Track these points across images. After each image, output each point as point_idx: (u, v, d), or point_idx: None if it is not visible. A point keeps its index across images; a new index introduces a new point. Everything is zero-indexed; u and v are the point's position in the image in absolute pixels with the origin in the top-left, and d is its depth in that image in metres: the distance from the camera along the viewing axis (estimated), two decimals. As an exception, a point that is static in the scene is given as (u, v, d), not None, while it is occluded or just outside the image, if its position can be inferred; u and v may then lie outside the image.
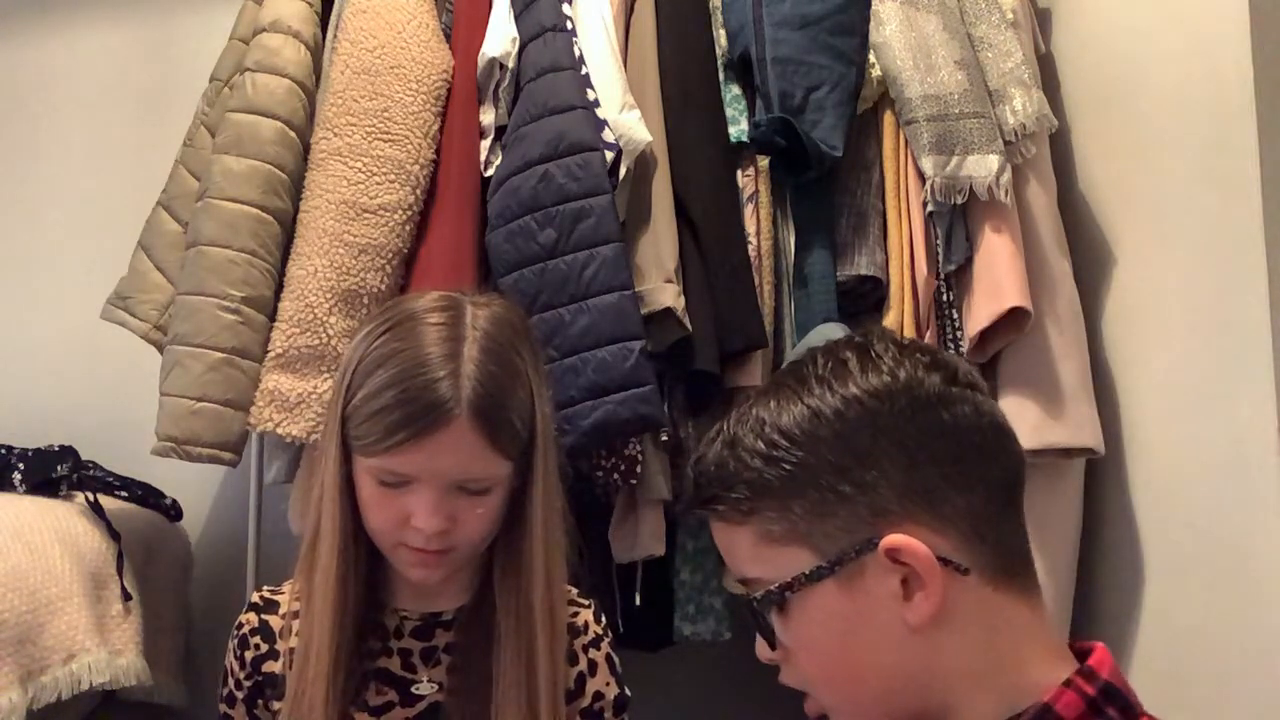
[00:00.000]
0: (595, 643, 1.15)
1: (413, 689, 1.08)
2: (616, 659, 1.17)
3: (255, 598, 1.15)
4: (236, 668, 1.12)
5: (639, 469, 1.56)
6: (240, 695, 1.11)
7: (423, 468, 1.00)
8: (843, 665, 0.76)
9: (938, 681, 0.74)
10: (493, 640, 1.07)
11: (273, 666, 1.10)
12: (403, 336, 1.03)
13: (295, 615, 1.11)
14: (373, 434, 1.00)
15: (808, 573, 0.75)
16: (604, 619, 1.18)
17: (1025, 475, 0.80)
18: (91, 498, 1.84)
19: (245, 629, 1.12)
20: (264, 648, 1.11)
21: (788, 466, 0.75)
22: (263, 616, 1.13)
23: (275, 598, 1.15)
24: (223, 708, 1.13)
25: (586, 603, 1.17)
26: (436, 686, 1.09)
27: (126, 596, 1.77)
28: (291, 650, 1.09)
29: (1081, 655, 0.76)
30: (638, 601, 1.63)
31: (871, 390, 0.75)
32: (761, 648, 0.81)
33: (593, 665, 1.14)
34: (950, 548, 0.74)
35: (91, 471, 1.98)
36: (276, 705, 1.09)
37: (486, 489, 1.04)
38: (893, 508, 0.74)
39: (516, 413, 1.03)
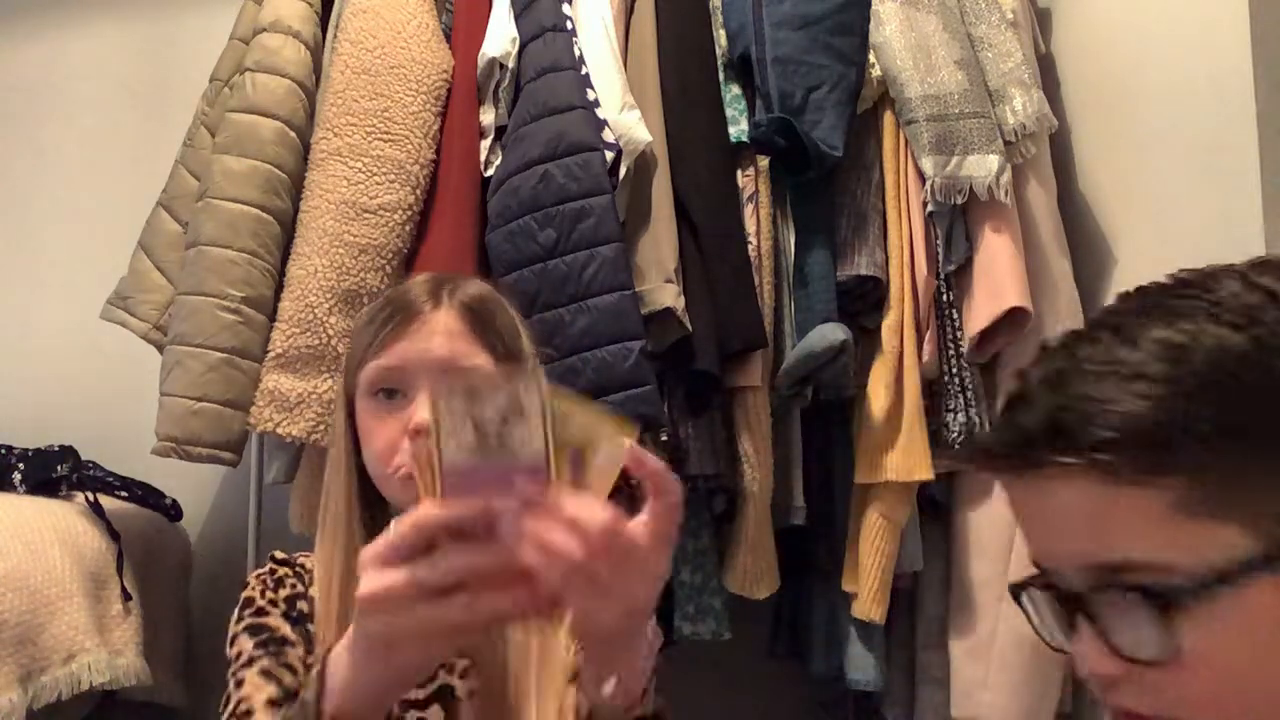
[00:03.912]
0: None
1: None
2: None
3: (269, 561, 1.08)
4: (269, 593, 1.02)
5: (639, 469, 1.55)
6: (277, 610, 1.01)
7: (411, 356, 1.00)
8: (1253, 687, 0.57)
9: None
10: None
11: (304, 607, 1.03)
12: (394, 288, 1.08)
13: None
14: (365, 341, 1.02)
15: (1244, 562, 0.55)
16: None
17: None
18: (91, 498, 1.84)
19: (279, 573, 1.05)
20: (299, 587, 1.04)
21: (1231, 417, 0.56)
22: (287, 568, 1.06)
23: (289, 559, 1.08)
24: (240, 630, 1.00)
25: None
26: (447, 667, 1.05)
27: (126, 596, 1.77)
28: (313, 603, 1.03)
29: None
30: (638, 601, 1.63)
31: None
32: (1099, 659, 0.60)
33: None
34: None
35: (91, 471, 1.98)
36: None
37: None
38: None
39: (503, 325, 1.04)
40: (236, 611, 1.04)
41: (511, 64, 1.68)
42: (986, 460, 0.63)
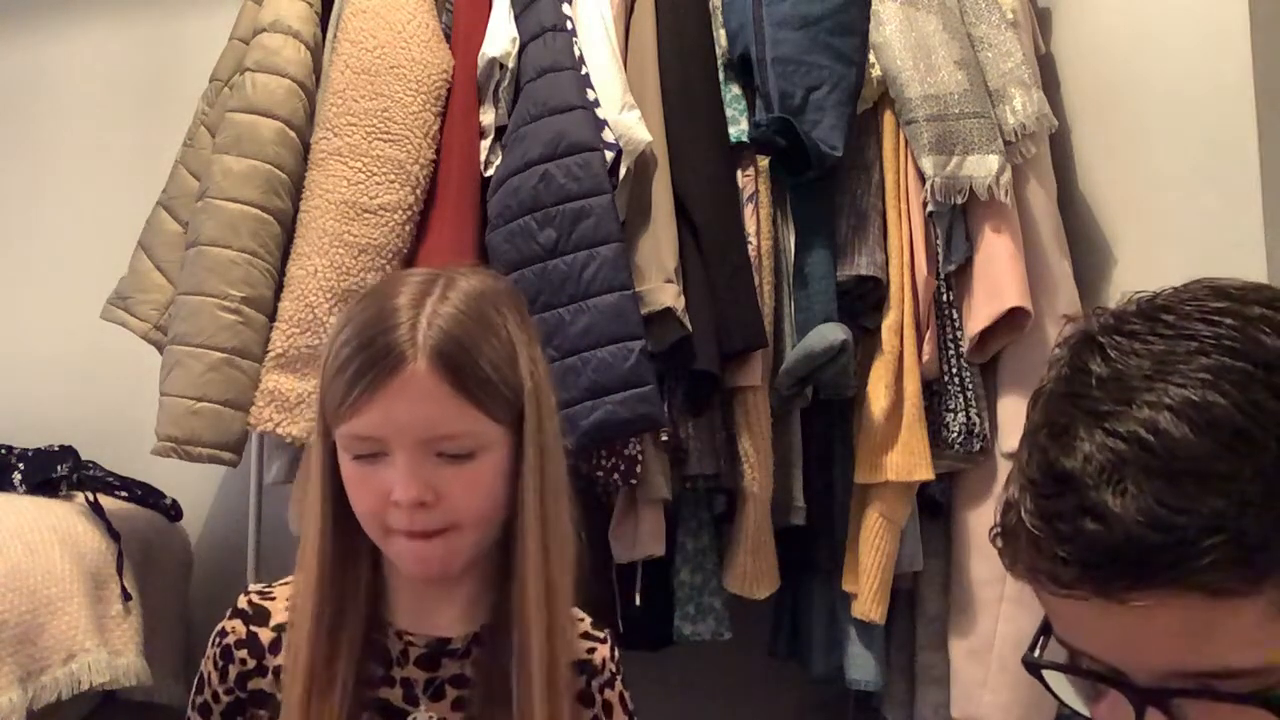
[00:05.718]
0: (610, 682, 1.07)
1: None
2: (628, 694, 1.09)
3: (243, 603, 1.05)
4: (215, 679, 1.01)
5: (639, 469, 1.56)
6: (217, 708, 1.02)
7: (385, 424, 0.90)
8: None
9: None
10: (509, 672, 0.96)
11: (260, 684, 1.01)
12: (372, 294, 0.97)
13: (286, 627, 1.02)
14: (337, 397, 0.91)
15: None
16: (617, 653, 1.09)
17: None
18: (91, 498, 1.84)
19: (230, 639, 1.01)
20: (250, 663, 1.01)
21: None
22: (251, 628, 1.03)
23: (265, 604, 1.05)
24: (194, 717, 1.02)
25: (602, 635, 1.08)
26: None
27: (126, 596, 1.77)
28: (279, 669, 1.00)
29: None
30: (638, 601, 1.64)
31: None
32: None
33: (608, 706, 1.06)
34: None
35: (91, 471, 1.98)
36: None
37: (469, 452, 0.92)
38: None
39: (491, 363, 0.93)
40: (193, 691, 1.03)
41: (511, 64, 1.68)
42: (1056, 585, 0.55)
